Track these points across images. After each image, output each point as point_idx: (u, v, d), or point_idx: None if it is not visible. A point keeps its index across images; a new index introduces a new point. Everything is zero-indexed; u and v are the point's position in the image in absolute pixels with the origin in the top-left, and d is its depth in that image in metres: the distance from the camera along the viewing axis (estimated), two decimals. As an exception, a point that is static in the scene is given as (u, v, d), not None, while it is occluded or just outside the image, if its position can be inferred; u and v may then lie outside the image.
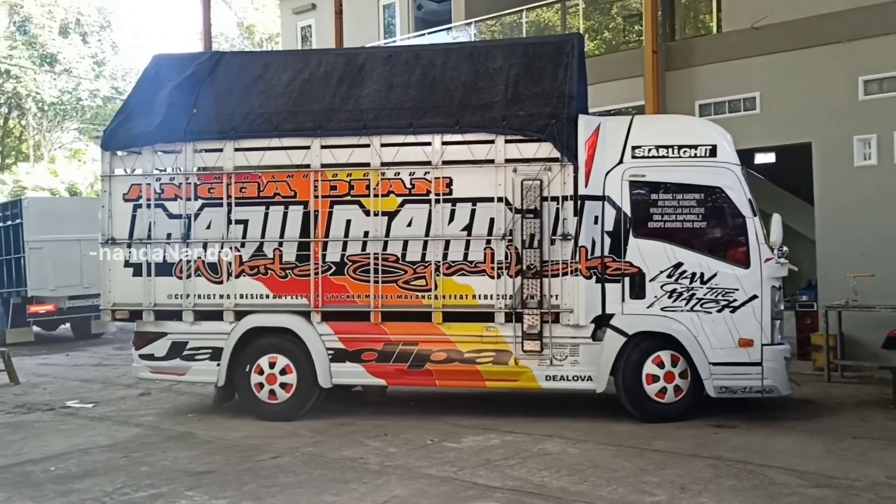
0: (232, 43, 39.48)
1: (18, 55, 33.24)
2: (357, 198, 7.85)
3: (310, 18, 22.50)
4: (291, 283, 8.00)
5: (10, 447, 7.36)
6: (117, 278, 8.56)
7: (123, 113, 9.10)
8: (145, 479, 6.11)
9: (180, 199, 8.30)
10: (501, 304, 7.51)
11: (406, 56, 8.77)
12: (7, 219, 17.35)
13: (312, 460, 6.53)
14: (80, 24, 36.48)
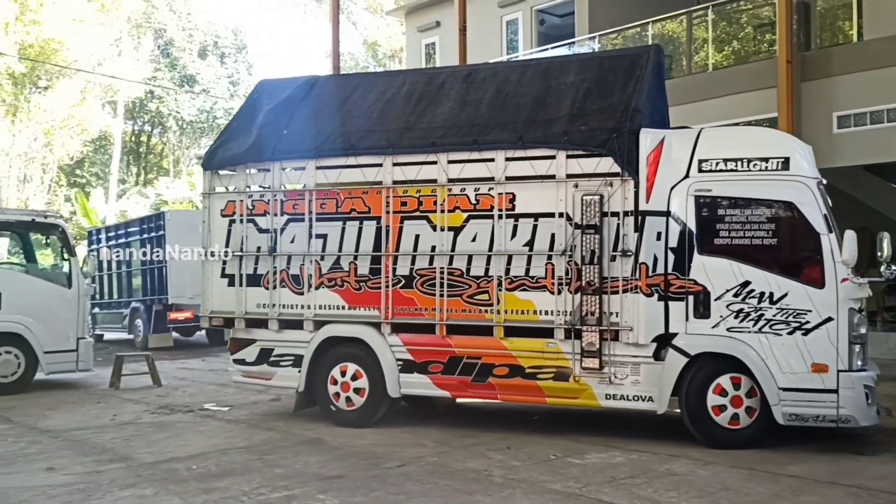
0: (357, 61, 41.52)
1: (161, 77, 36.74)
2: (425, 213, 8.22)
3: (434, 36, 23.36)
4: (365, 295, 8.47)
5: (156, 445, 7.96)
6: (214, 287, 9.39)
7: (224, 135, 10.05)
8: (279, 480, 6.44)
9: (268, 215, 9.01)
10: (561, 320, 7.60)
11: (484, 74, 9.10)
12: (151, 230, 19.18)
13: (437, 470, 6.75)
14: (218, 46, 39.83)
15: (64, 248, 12.61)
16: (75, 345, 12.00)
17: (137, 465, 7.02)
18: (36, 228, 13.01)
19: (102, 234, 22.23)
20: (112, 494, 6.09)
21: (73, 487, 6.30)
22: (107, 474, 6.71)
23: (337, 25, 19.37)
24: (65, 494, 6.11)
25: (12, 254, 22.22)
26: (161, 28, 37.21)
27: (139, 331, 19.05)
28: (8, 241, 20.66)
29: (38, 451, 7.70)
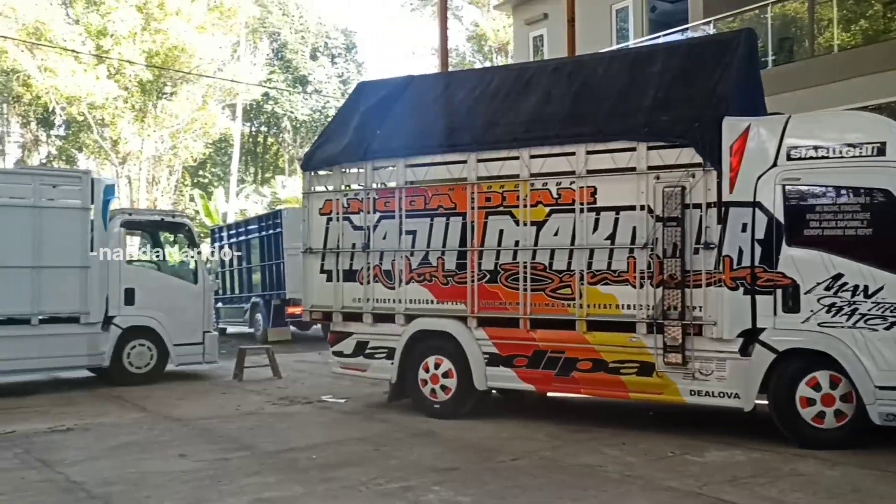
0: (463, 56, 41.89)
1: (276, 79, 38.45)
2: (509, 208, 8.44)
3: (541, 28, 23.36)
4: (452, 290, 8.80)
5: (278, 435, 8.35)
6: (314, 283, 9.99)
7: (322, 136, 10.65)
8: (395, 471, 6.65)
9: (362, 213, 9.50)
10: (643, 314, 7.64)
11: (571, 67, 9.24)
12: (268, 228, 20.24)
13: (551, 465, 6.83)
14: (328, 46, 41.26)
15: (190, 246, 13.58)
16: (202, 338, 12.87)
17: (261, 454, 7.42)
18: (165, 227, 14.04)
19: (224, 232, 23.64)
20: (239, 481, 6.45)
21: (204, 473, 6.72)
22: (233, 461, 7.13)
23: (444, 21, 19.63)
24: (196, 480, 6.52)
25: (143, 252, 23.95)
26: (275, 32, 39.03)
27: (259, 325, 20.10)
28: (139, 239, 22.11)
29: (170, 439, 8.26)
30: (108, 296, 11.98)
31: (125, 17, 29.57)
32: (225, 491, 6.16)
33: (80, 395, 11.32)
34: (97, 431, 8.63)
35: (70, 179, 12.32)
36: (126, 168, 32.51)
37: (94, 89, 29.07)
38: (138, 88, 31.34)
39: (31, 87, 29.82)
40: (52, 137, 36.87)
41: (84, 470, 6.91)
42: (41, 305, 11.37)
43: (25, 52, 29.20)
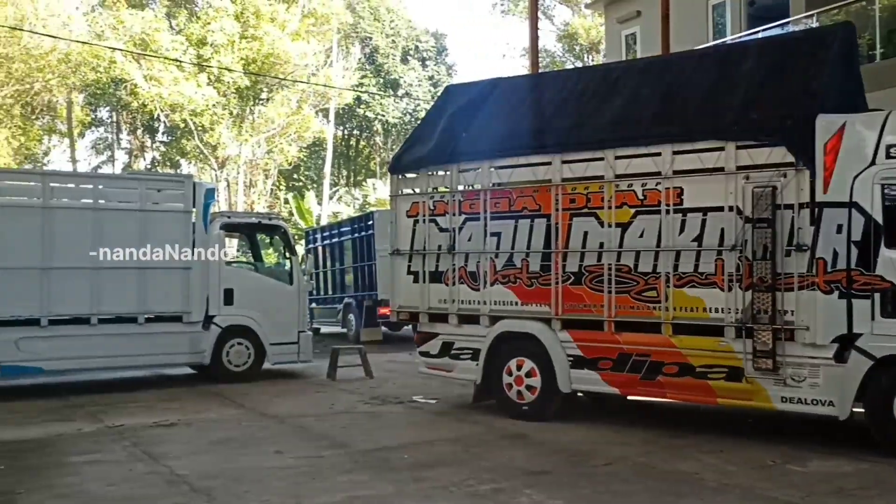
0: (553, 56, 41.60)
1: (367, 83, 39.20)
2: (593, 210, 8.46)
3: (634, 26, 23.00)
4: (536, 292, 8.87)
5: (371, 434, 8.55)
6: (401, 284, 10.26)
7: (410, 139, 10.91)
8: (486, 473, 6.71)
9: (448, 215, 9.69)
10: (732, 318, 7.50)
11: (659, 66, 9.21)
12: (361, 230, 20.71)
13: (645, 470, 6.78)
14: (419, 50, 41.75)
15: (286, 248, 14.01)
16: (297, 337, 13.25)
17: (354, 452, 7.62)
18: (261, 230, 14.60)
19: (318, 234, 24.25)
20: (333, 478, 6.64)
21: (299, 470, 6.94)
22: (327, 459, 7.34)
23: (535, 22, 19.55)
24: (292, 476, 6.75)
25: (241, 253, 24.92)
26: (367, 36, 39.88)
27: (352, 325, 20.57)
28: (237, 241, 22.94)
29: (267, 436, 8.55)
30: (209, 296, 12.45)
31: (224, 27, 30.87)
32: (319, 488, 6.35)
33: (182, 392, 11.84)
34: (199, 427, 9.05)
35: (173, 184, 12.91)
36: (224, 172, 33.92)
37: (195, 96, 30.46)
38: (236, 95, 32.65)
39: (137, 95, 31.48)
40: (157, 143, 38.86)
41: (187, 463, 7.25)
42: (147, 305, 11.94)
43: (133, 62, 30.89)
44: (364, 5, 40.57)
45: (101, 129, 40.62)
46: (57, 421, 9.48)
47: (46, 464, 7.32)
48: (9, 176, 13.67)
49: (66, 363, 11.64)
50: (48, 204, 11.36)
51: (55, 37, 27.47)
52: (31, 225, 11.19)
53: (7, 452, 7.77)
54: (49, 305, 11.24)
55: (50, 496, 6.26)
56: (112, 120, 39.70)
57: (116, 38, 30.89)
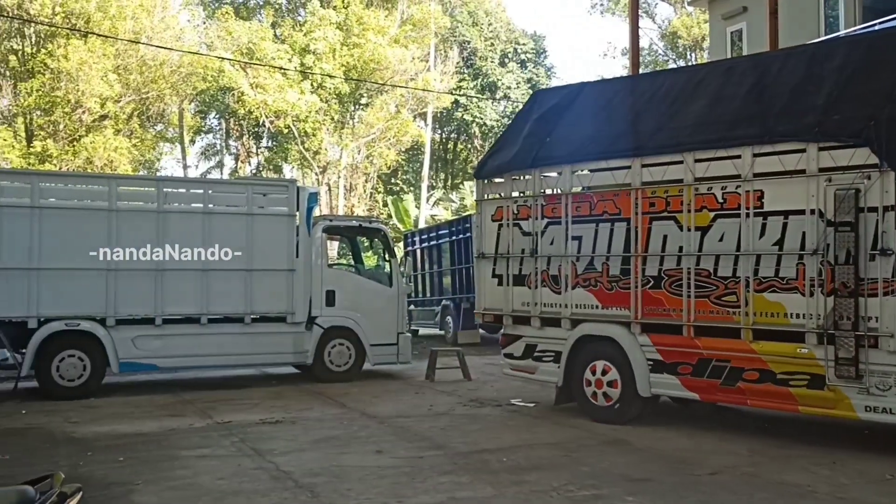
0: (656, 55, 40.84)
1: (465, 86, 39.64)
2: (672, 214, 8.51)
3: (740, 22, 22.45)
4: (616, 295, 9.00)
5: (469, 436, 8.67)
6: (486, 287, 10.59)
7: (496, 145, 11.21)
8: (587, 479, 6.70)
9: (530, 219, 9.94)
10: (813, 324, 7.42)
11: (745, 66, 9.10)
12: (458, 233, 21.10)
13: (752, 481, 6.64)
14: (517, 52, 41.86)
15: (385, 250, 14.45)
16: (396, 339, 13.64)
17: (453, 454, 7.73)
18: (362, 233, 15.11)
19: (416, 237, 24.84)
20: (432, 479, 6.75)
21: (399, 470, 7.10)
22: (427, 460, 7.46)
23: (635, 21, 19.33)
24: (393, 476, 6.90)
25: (342, 255, 25.82)
26: (465, 40, 40.40)
27: (449, 327, 20.96)
28: (338, 244, 23.73)
29: (367, 435, 8.76)
30: (311, 297, 12.93)
31: (327, 35, 32.03)
32: (419, 488, 6.50)
33: (286, 390, 12.31)
34: (302, 425, 9.38)
35: (278, 188, 13.37)
36: (326, 176, 35.15)
37: (298, 103, 31.74)
38: (337, 101, 33.79)
39: (244, 103, 33.12)
40: (262, 149, 40.63)
41: (291, 460, 7.54)
42: (253, 305, 12.48)
43: (240, 71, 32.49)
44: (462, 10, 41.17)
45: (210, 136, 42.99)
46: (170, 416, 10.07)
47: (161, 457, 7.76)
48: (127, 182, 14.63)
49: (178, 360, 12.32)
50: (163, 209, 12.07)
51: (169, 48, 29.26)
52: (147, 229, 11.90)
53: (126, 445, 8.29)
54: (162, 305, 11.94)
55: (165, 488, 6.62)
56: (220, 127, 41.86)
57: (225, 48, 32.61)
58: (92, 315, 11.64)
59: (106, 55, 27.84)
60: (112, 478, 6.92)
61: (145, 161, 33.91)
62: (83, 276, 11.52)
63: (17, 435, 8.95)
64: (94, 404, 10.97)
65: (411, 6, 35.25)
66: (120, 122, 29.90)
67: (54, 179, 13.60)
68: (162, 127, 35.32)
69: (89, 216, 11.72)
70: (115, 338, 11.67)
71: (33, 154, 27.23)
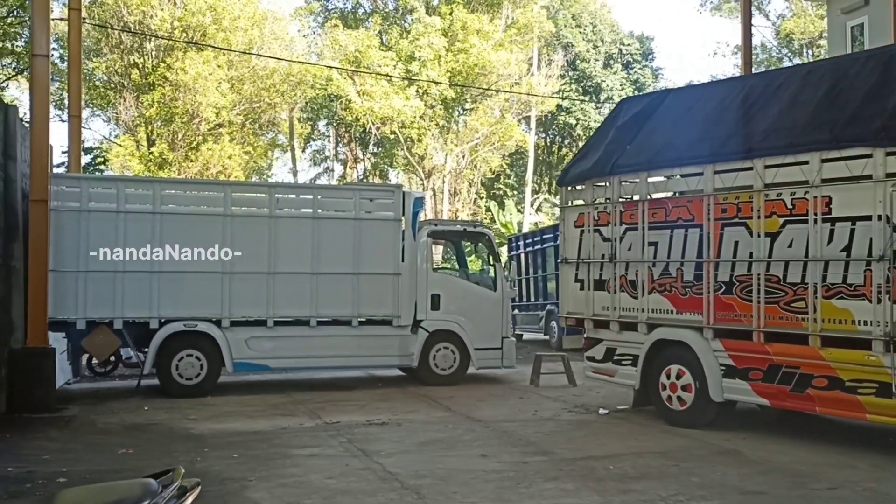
0: (770, 53, 39.72)
1: (569, 89, 39.82)
2: (743, 220, 8.85)
3: (861, 16, 21.90)
4: (690, 301, 9.42)
5: (575, 442, 8.84)
6: (569, 291, 11.21)
7: (580, 153, 11.82)
8: (696, 490, 6.69)
9: (610, 225, 10.47)
10: (880, 331, 7.58)
11: (823, 69, 9.32)
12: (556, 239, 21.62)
13: (876, 497, 6.55)
14: (622, 54, 41.69)
15: (490, 255, 14.99)
16: (500, 343, 14.02)
17: (558, 460, 7.89)
18: (466, 237, 15.74)
19: (521, 241, 25.34)
20: (538, 485, 6.89)
21: (504, 475, 7.28)
22: (532, 465, 7.66)
23: (748, 16, 19.13)
24: (498, 480, 7.09)
25: (447, 260, 26.70)
26: (568, 43, 40.69)
27: (554, 332, 21.24)
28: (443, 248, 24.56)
29: (472, 439, 9.04)
30: (417, 301, 13.48)
31: (432, 42, 33.14)
32: (525, 493, 6.67)
33: (392, 392, 12.86)
34: (408, 427, 9.78)
35: (385, 193, 13.97)
36: (431, 181, 36.26)
37: (403, 109, 32.98)
38: (441, 106, 34.85)
39: (351, 110, 34.64)
40: (368, 154, 42.23)
41: (398, 462, 7.84)
42: (360, 308, 13.08)
43: (347, 78, 34.06)
44: (566, 12, 41.44)
45: (319, 143, 44.99)
46: (281, 416, 10.61)
47: (273, 454, 8.19)
48: (241, 188, 15.62)
49: (289, 361, 13.06)
50: (274, 214, 12.82)
51: (279, 58, 31.06)
52: (260, 233, 12.64)
53: (240, 442, 8.81)
54: (274, 308, 12.64)
55: (277, 485, 6.98)
56: (328, 133, 43.77)
57: (333, 57, 34.24)
58: (208, 317, 12.51)
59: (220, 66, 29.78)
60: (227, 473, 7.35)
61: (257, 168, 35.95)
62: (200, 279, 12.35)
63: (140, 430, 9.72)
64: (211, 402, 11.74)
65: (515, 10, 35.88)
66: (233, 131, 31.92)
67: (174, 186, 14.84)
68: (273, 134, 37.37)
69: (206, 221, 12.50)
70: (229, 338, 12.45)
71: (153, 161, 29.37)
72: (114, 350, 12.59)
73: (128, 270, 12.10)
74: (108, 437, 9.32)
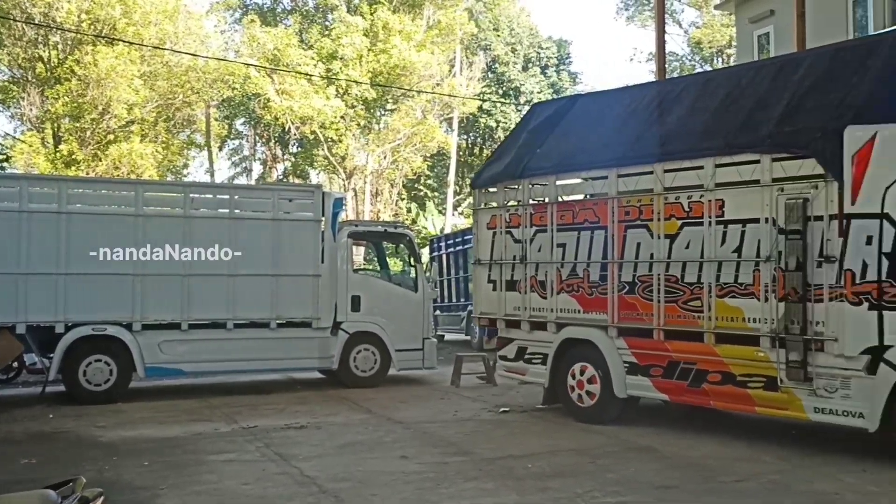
0: (682, 61, 41.32)
1: (488, 91, 40.62)
2: (645, 222, 9.33)
3: (767, 26, 23.00)
4: (596, 300, 9.86)
5: (494, 442, 9.06)
6: (483, 292, 11.54)
7: (493, 156, 12.20)
8: (611, 486, 6.91)
9: (521, 227, 10.85)
10: (767, 328, 8.11)
11: (720, 78, 9.92)
12: None
13: (779, 489, 6.82)
14: (540, 57, 42.68)
15: (411, 256, 15.08)
16: (421, 344, 14.13)
17: (478, 460, 8.06)
18: (387, 238, 15.80)
19: (442, 242, 25.65)
20: (458, 485, 7.01)
21: (424, 476, 7.37)
22: (452, 466, 7.78)
23: (662, 25, 19.82)
24: (418, 481, 7.16)
25: (368, 261, 26.82)
26: (487, 45, 41.37)
27: (475, 332, 21.06)
28: (364, 249, 24.64)
29: (393, 440, 9.14)
30: (337, 302, 13.48)
31: (354, 42, 33.21)
32: (445, 494, 6.78)
33: (311, 395, 12.86)
34: (327, 430, 9.79)
35: (304, 194, 13.99)
36: (352, 182, 36.35)
37: (324, 109, 32.97)
38: (363, 106, 34.98)
39: (270, 109, 34.44)
40: (288, 154, 42.03)
41: (316, 465, 7.85)
42: (279, 310, 13.01)
43: (265, 77, 33.86)
44: (486, 15, 42.07)
45: (237, 142, 44.48)
46: (196, 421, 10.53)
47: (187, 461, 8.13)
48: (155, 188, 15.39)
49: (204, 365, 12.89)
50: (189, 214, 12.71)
51: (194, 54, 30.65)
52: (173, 234, 12.47)
53: (152, 450, 8.70)
54: (189, 310, 12.49)
55: (190, 492, 6.93)
56: (247, 133, 43.37)
57: (251, 54, 34.00)
58: (119, 320, 12.25)
59: (133, 62, 29.17)
60: (138, 482, 7.28)
61: (172, 167, 35.41)
62: (110, 281, 12.10)
63: (45, 439, 9.50)
64: (121, 409, 11.54)
65: (437, 12, 36.25)
66: (146, 128, 31.35)
67: (82, 185, 14.51)
68: (189, 133, 36.85)
69: (116, 221, 12.34)
70: (141, 343, 12.23)
71: (59, 159, 28.62)
72: (16, 356, 12.35)
73: (31, 272, 11.83)
74: (10, 447, 9.12)
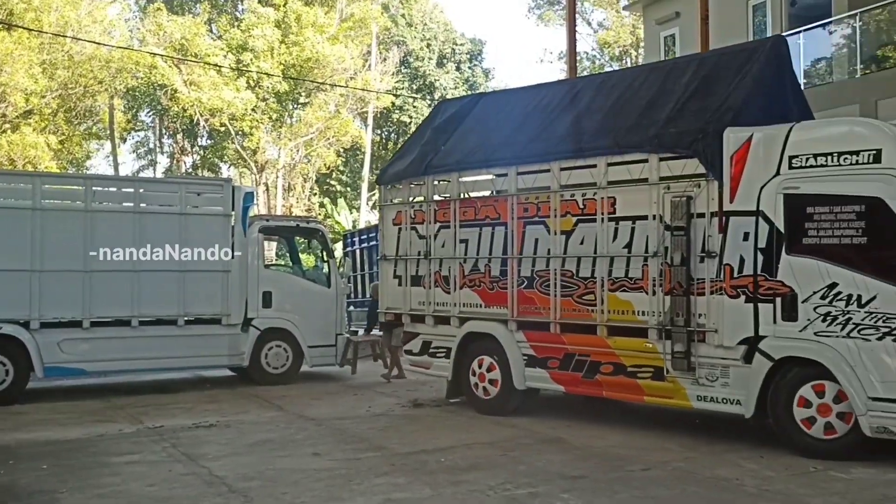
0: (593, 59, 42.60)
1: (403, 87, 40.96)
2: (542, 219, 9.71)
3: (673, 28, 23.84)
4: (496, 295, 10.20)
5: (408, 437, 9.13)
6: (388, 287, 11.75)
7: (398, 152, 12.41)
8: (523, 477, 7.09)
9: (425, 223, 11.11)
10: (655, 320, 8.59)
11: (615, 80, 10.36)
12: None
13: (684, 476, 7.12)
14: (455, 53, 43.30)
15: (324, 251, 15.09)
16: (335, 340, 14.16)
17: (391, 455, 8.12)
18: (299, 233, 15.80)
19: (356, 238, 25.76)
20: (370, 481, 7.06)
21: (336, 472, 7.39)
22: (364, 462, 7.83)
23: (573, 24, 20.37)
24: (329, 478, 7.17)
25: (279, 256, 26.69)
26: (401, 40, 41.65)
27: None
28: (276, 244, 24.52)
29: (304, 438, 9.13)
30: (248, 299, 13.36)
31: (265, 33, 32.95)
32: (356, 490, 6.82)
33: (221, 393, 12.71)
34: (237, 428, 9.74)
35: (213, 188, 13.92)
36: (264, 176, 36.10)
37: (234, 101, 32.63)
38: (275, 99, 34.74)
39: (178, 100, 33.88)
40: (197, 147, 41.42)
41: (225, 465, 7.80)
42: (187, 307, 12.85)
43: (172, 67, 33.28)
44: (402, 10, 42.34)
45: (143, 134, 43.60)
46: (98, 422, 10.28)
47: (88, 464, 7.94)
48: (54, 180, 14.99)
49: (108, 364, 12.59)
50: (91, 207, 12.36)
51: (97, 42, 29.88)
52: (73, 228, 12.12)
53: (51, 452, 8.46)
54: (90, 308, 12.18)
55: (92, 496, 6.78)
56: (153, 124, 42.51)
57: (157, 44, 33.36)
58: (15, 318, 11.86)
59: (31, 49, 28.28)
60: (35, 486, 7.12)
61: (73, 159, 34.47)
62: (5, 278, 11.74)
63: None
64: (18, 410, 11.20)
65: (350, 4, 36.29)
66: (45, 118, 30.44)
67: None
68: (90, 124, 35.89)
69: (11, 215, 11.98)
70: (39, 342, 11.86)
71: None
72: None
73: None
74: None
